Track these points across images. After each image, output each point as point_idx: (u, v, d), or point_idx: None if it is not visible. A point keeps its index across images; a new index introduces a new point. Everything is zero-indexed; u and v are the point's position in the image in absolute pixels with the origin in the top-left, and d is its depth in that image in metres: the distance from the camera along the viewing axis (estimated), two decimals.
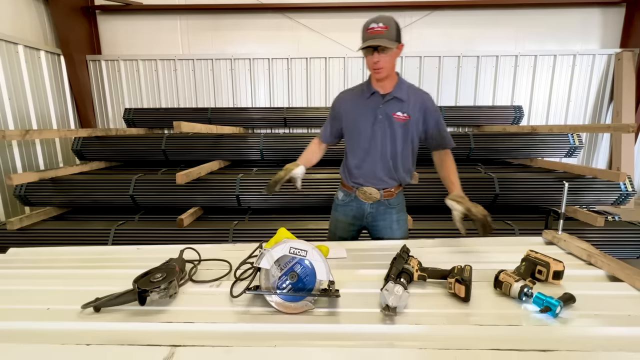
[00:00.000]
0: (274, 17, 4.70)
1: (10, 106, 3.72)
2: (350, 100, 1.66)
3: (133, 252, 1.57)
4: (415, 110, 1.58)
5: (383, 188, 1.69)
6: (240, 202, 3.19)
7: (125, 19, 4.78)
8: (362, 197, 1.70)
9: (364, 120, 1.61)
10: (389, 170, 1.66)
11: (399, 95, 1.57)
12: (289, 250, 1.04)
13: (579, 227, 2.83)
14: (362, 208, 1.73)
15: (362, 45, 1.44)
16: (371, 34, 1.42)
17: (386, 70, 1.49)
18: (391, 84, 1.58)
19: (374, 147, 1.62)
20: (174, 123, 2.87)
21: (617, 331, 0.92)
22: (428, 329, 0.94)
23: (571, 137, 3.83)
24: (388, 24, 1.41)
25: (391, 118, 1.58)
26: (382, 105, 1.58)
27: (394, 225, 1.75)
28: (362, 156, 1.65)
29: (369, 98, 1.60)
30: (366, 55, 1.49)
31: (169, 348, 0.86)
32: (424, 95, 1.62)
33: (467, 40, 4.74)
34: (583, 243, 1.43)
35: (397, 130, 1.59)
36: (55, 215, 3.33)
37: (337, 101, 1.72)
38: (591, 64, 4.68)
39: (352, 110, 1.65)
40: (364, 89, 1.64)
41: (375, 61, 1.45)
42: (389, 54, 1.45)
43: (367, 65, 1.52)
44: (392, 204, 1.73)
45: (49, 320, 1.00)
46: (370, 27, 1.42)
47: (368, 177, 1.67)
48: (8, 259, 1.53)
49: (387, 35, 1.41)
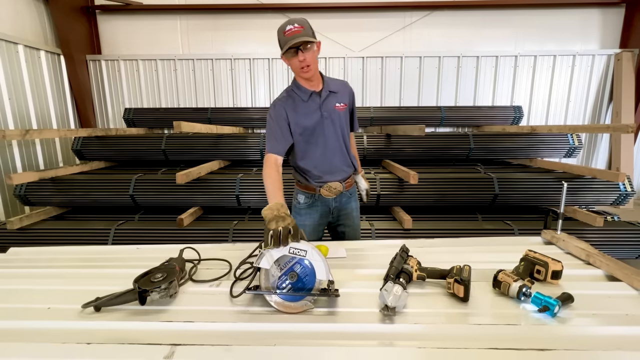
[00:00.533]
0: (274, 17, 4.71)
1: (10, 106, 3.72)
2: (291, 106, 1.62)
3: (133, 251, 1.58)
4: (346, 97, 1.72)
5: (344, 179, 1.76)
6: (240, 202, 3.19)
7: (125, 18, 4.78)
8: (327, 194, 1.73)
9: (313, 120, 1.64)
10: (345, 157, 1.76)
11: (332, 89, 1.67)
12: (289, 250, 1.05)
13: (579, 227, 2.84)
14: (327, 205, 1.78)
15: (287, 47, 1.44)
16: (290, 35, 1.43)
17: (313, 68, 1.53)
18: (319, 81, 1.65)
19: (329, 141, 1.67)
20: (174, 123, 2.88)
21: (615, 330, 0.93)
22: (427, 328, 0.94)
23: (570, 137, 3.84)
24: (302, 24, 1.46)
25: (334, 111, 1.66)
26: (323, 102, 1.64)
27: (354, 212, 1.86)
28: (320, 153, 1.69)
29: (307, 101, 1.62)
30: (290, 59, 1.50)
31: (169, 347, 0.86)
32: (344, 82, 1.77)
33: (466, 41, 4.75)
34: (582, 243, 1.44)
35: (342, 119, 1.70)
36: (55, 215, 3.34)
37: (280, 109, 1.61)
38: (591, 64, 4.69)
39: (298, 115, 1.62)
40: (296, 92, 1.63)
41: (301, 59, 1.47)
42: (312, 51, 1.49)
43: (294, 68, 1.54)
44: (351, 193, 1.86)
45: (49, 320, 1.01)
46: (286, 29, 1.44)
47: (331, 172, 1.72)
48: (8, 258, 1.53)
49: (305, 32, 1.45)
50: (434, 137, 3.90)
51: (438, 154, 3.86)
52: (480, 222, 3.08)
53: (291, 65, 1.54)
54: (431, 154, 3.83)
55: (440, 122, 4.59)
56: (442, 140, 3.88)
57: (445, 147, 3.83)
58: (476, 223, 3.03)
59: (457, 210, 3.26)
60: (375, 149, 3.80)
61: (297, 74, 1.57)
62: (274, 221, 1.10)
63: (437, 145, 3.83)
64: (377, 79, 4.79)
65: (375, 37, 4.74)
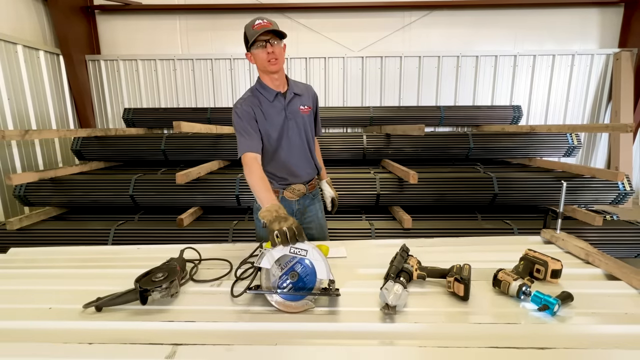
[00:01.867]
0: (273, 17, 4.64)
1: (10, 106, 3.71)
2: (257, 107, 1.61)
3: (133, 251, 1.58)
4: (310, 100, 1.73)
5: (307, 181, 1.76)
6: (240, 202, 3.19)
7: (124, 18, 4.78)
8: (290, 196, 1.73)
9: (277, 121, 1.63)
10: (309, 160, 1.76)
11: (296, 91, 1.67)
12: (290, 250, 1.05)
13: (578, 227, 2.85)
14: (290, 207, 1.77)
15: (254, 38, 1.44)
16: (259, 28, 1.45)
17: (281, 61, 1.53)
18: (284, 82, 1.66)
19: (293, 143, 1.68)
20: (174, 123, 2.87)
21: (614, 329, 0.93)
22: (427, 327, 0.95)
23: (570, 136, 3.84)
24: (271, 21, 1.48)
25: (298, 113, 1.67)
26: (288, 103, 1.64)
27: (319, 214, 1.87)
28: (285, 155, 1.68)
29: (272, 101, 1.62)
30: (257, 52, 1.50)
31: (171, 347, 0.86)
32: (308, 86, 1.77)
33: (466, 40, 4.75)
34: (581, 242, 1.44)
35: (306, 121, 1.70)
36: (55, 215, 3.34)
37: (247, 108, 1.58)
38: (590, 63, 4.70)
39: (263, 115, 1.61)
40: (262, 93, 1.62)
41: (270, 51, 1.48)
42: (280, 47, 1.51)
43: (260, 62, 1.52)
44: (315, 195, 1.85)
45: (51, 320, 1.01)
46: (256, 23, 1.46)
47: (294, 174, 1.72)
48: (8, 259, 1.53)
49: (275, 26, 1.47)
50: (434, 137, 3.91)
51: (437, 154, 3.86)
52: (479, 221, 3.09)
53: (257, 60, 1.53)
54: (431, 153, 3.84)
55: (440, 122, 4.59)
56: (441, 139, 3.88)
57: (445, 147, 3.84)
58: (476, 222, 3.04)
59: (457, 210, 3.27)
60: (375, 149, 3.81)
61: (264, 67, 1.53)
62: (276, 222, 1.10)
63: (437, 144, 3.83)
64: (376, 79, 4.79)
65: (374, 37, 4.74)
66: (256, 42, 1.47)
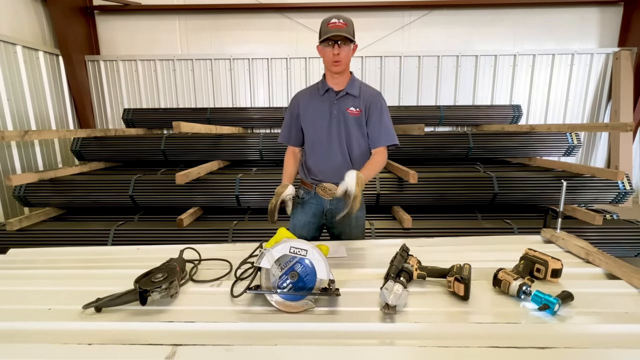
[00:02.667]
0: (272, 17, 4.70)
1: (9, 107, 3.71)
2: (307, 99, 1.70)
3: (133, 252, 1.58)
4: (366, 104, 1.67)
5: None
6: (239, 202, 3.19)
7: (124, 19, 4.78)
8: (322, 194, 1.70)
9: (320, 116, 1.66)
10: (347, 164, 1.69)
11: (351, 92, 1.65)
12: (289, 250, 1.05)
13: (578, 226, 2.84)
14: (322, 205, 1.76)
15: (324, 37, 1.50)
16: (332, 28, 1.49)
17: (344, 64, 1.57)
18: (345, 81, 1.66)
19: (331, 141, 1.67)
20: (173, 123, 2.88)
21: (614, 328, 0.93)
22: (427, 327, 0.94)
23: (569, 136, 3.84)
24: (347, 21, 1.52)
25: (345, 113, 1.64)
26: (336, 101, 1.64)
27: (353, 222, 1.76)
28: (321, 152, 1.70)
29: (323, 95, 1.67)
30: (324, 49, 1.55)
31: (171, 347, 0.86)
32: (374, 92, 1.70)
33: (465, 40, 4.75)
34: (581, 241, 1.44)
35: (352, 124, 1.65)
36: (55, 215, 3.33)
37: (295, 101, 1.74)
38: (589, 63, 4.70)
39: (309, 108, 1.69)
40: (319, 87, 1.70)
41: (336, 53, 1.52)
42: (348, 49, 1.54)
43: (326, 59, 1.58)
44: None
45: (50, 321, 1.01)
46: (331, 22, 1.50)
47: (327, 173, 1.70)
48: (8, 259, 1.53)
49: (347, 30, 1.51)
50: (433, 137, 3.91)
51: (437, 153, 3.86)
52: (479, 221, 3.09)
53: (324, 57, 1.58)
54: (430, 153, 3.84)
55: (440, 122, 4.59)
56: (441, 139, 3.88)
57: (445, 147, 3.84)
58: (476, 222, 3.04)
59: (457, 210, 3.27)
60: None
61: (328, 66, 1.61)
62: (273, 198, 1.51)
63: (437, 144, 3.83)
64: (376, 79, 4.79)
65: (374, 37, 4.74)
66: (326, 39, 1.51)
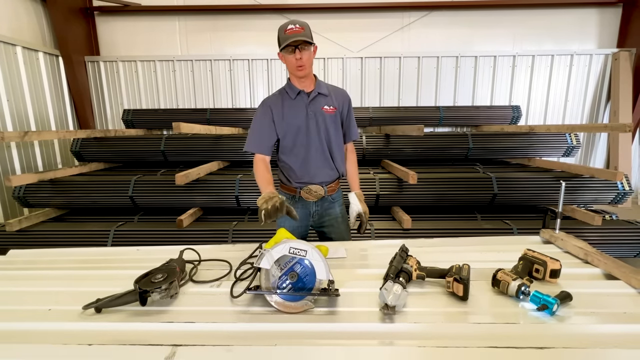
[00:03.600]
0: (272, 17, 4.71)
1: (9, 107, 3.71)
2: (279, 104, 1.70)
3: (133, 253, 1.58)
4: (339, 101, 1.74)
5: (326, 183, 1.75)
6: (239, 203, 3.19)
7: (123, 20, 4.78)
8: (307, 196, 1.74)
9: (298, 118, 1.68)
10: (329, 161, 1.74)
11: (322, 91, 1.70)
12: (289, 250, 1.05)
13: (577, 226, 2.85)
14: (307, 208, 1.78)
15: (285, 44, 1.51)
16: (290, 34, 1.51)
17: (308, 67, 1.60)
18: (312, 83, 1.71)
19: (312, 141, 1.69)
20: (173, 124, 2.88)
21: (613, 328, 0.94)
22: (427, 327, 0.95)
23: (569, 136, 3.85)
24: (303, 26, 1.54)
25: (321, 112, 1.68)
26: (310, 102, 1.68)
27: (339, 219, 1.84)
28: (303, 154, 1.70)
29: (295, 98, 1.68)
30: (287, 56, 1.57)
31: (171, 347, 0.86)
32: (342, 90, 1.80)
33: (465, 41, 4.76)
34: (580, 242, 1.44)
35: (329, 122, 1.70)
36: (54, 216, 3.33)
37: (265, 107, 1.71)
38: (588, 63, 4.71)
39: (284, 112, 1.69)
40: (287, 91, 1.71)
41: (298, 58, 1.55)
42: (308, 52, 1.57)
43: (289, 65, 1.60)
44: (334, 199, 1.82)
45: (50, 321, 1.01)
46: (288, 28, 1.52)
47: (312, 174, 1.72)
48: (8, 260, 1.53)
49: (305, 34, 1.53)
50: (433, 137, 3.91)
51: (437, 154, 3.86)
52: (479, 221, 3.09)
53: (287, 63, 1.61)
54: (430, 154, 3.84)
55: (439, 122, 4.60)
56: (440, 140, 3.89)
57: (444, 147, 3.84)
58: (475, 222, 3.04)
59: (456, 210, 3.27)
60: (374, 149, 3.81)
61: (292, 71, 1.63)
62: (263, 201, 1.38)
63: (436, 145, 3.84)
64: (375, 80, 4.80)
65: (373, 38, 4.75)
66: (287, 46, 1.53)
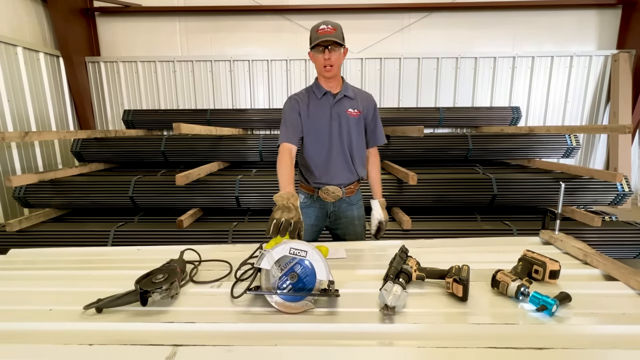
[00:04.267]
0: (272, 18, 4.72)
1: (10, 108, 3.72)
2: (305, 100, 1.71)
3: (134, 253, 1.58)
4: (364, 105, 1.74)
5: (345, 185, 1.76)
6: (239, 203, 3.20)
7: (124, 20, 4.79)
8: (325, 197, 1.74)
9: (321, 118, 1.68)
10: (349, 164, 1.74)
11: (347, 94, 1.71)
12: (289, 251, 1.05)
13: (577, 227, 2.85)
14: (325, 208, 1.78)
15: (315, 43, 1.53)
16: (322, 34, 1.53)
17: (335, 69, 1.61)
18: (339, 85, 1.72)
19: (333, 143, 1.70)
20: (173, 124, 2.88)
21: (612, 329, 0.94)
22: (426, 328, 0.95)
23: (568, 137, 3.86)
24: (336, 26, 1.56)
25: (345, 114, 1.69)
26: (335, 103, 1.68)
27: (356, 221, 1.84)
28: (324, 154, 1.71)
29: (321, 98, 1.69)
30: (316, 55, 1.59)
31: (171, 348, 0.86)
32: (368, 94, 1.80)
33: (465, 42, 4.77)
34: (579, 243, 1.45)
35: (352, 125, 1.70)
36: (55, 216, 3.34)
37: (294, 101, 1.70)
38: (588, 65, 4.72)
39: (309, 110, 1.70)
40: (314, 90, 1.71)
41: (327, 58, 1.56)
42: (338, 53, 1.58)
43: (317, 65, 1.62)
44: (352, 201, 1.82)
45: (51, 321, 1.01)
46: (320, 28, 1.55)
47: (331, 175, 1.73)
48: (8, 260, 1.53)
49: (336, 35, 1.54)
50: (433, 138, 3.92)
51: (437, 155, 3.87)
52: (479, 222, 3.10)
53: (315, 63, 1.62)
54: (430, 154, 3.84)
55: (439, 123, 4.60)
56: (440, 141, 3.89)
57: (444, 148, 3.85)
58: (475, 223, 3.04)
59: (456, 211, 3.28)
60: None
61: (320, 71, 1.64)
62: (280, 210, 1.17)
63: (436, 146, 3.84)
64: (375, 81, 4.81)
65: (373, 39, 4.76)
66: (316, 45, 1.54)
